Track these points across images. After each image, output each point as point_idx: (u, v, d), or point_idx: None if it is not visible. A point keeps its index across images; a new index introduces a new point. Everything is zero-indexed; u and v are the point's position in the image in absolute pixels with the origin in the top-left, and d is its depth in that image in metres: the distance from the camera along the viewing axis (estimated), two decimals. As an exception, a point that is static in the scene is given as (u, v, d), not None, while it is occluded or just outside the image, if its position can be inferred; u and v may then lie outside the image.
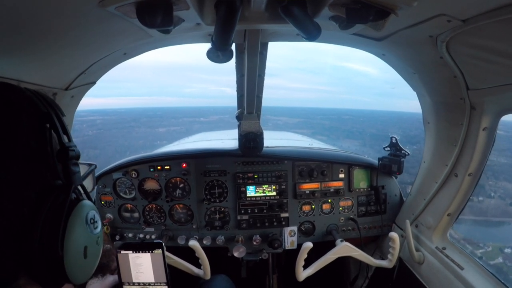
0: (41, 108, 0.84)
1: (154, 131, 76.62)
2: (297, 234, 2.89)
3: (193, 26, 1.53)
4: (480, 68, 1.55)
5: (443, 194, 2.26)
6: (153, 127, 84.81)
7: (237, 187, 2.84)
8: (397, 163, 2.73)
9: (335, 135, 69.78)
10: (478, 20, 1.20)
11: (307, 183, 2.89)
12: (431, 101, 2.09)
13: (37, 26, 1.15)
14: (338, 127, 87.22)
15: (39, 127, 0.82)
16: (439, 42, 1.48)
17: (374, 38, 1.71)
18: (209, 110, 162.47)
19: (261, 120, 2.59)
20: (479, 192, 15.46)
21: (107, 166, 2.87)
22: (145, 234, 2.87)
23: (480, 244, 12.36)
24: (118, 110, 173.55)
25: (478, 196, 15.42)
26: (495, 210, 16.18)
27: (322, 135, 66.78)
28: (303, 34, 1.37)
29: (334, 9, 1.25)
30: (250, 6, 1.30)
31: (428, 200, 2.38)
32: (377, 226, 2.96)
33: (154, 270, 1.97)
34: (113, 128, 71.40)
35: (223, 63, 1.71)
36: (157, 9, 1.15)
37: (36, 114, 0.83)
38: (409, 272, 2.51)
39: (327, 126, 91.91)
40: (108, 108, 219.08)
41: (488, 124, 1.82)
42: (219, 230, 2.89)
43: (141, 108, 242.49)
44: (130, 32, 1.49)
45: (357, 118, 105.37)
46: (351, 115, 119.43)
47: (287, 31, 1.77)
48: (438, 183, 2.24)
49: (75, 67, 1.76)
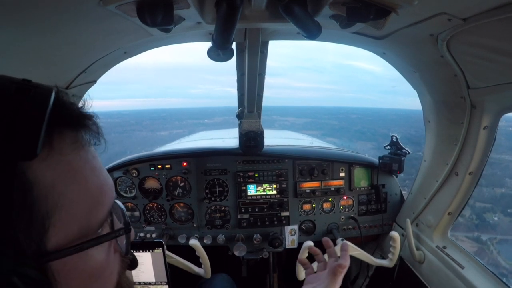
0: None
1: (155, 135, 75.43)
2: (298, 233, 2.89)
3: (194, 25, 1.53)
4: (480, 67, 1.55)
5: (443, 193, 2.26)
6: (155, 131, 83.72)
7: (237, 186, 2.84)
8: (397, 162, 2.73)
9: (347, 136, 68.39)
10: (478, 19, 1.20)
11: (308, 182, 2.89)
12: (432, 99, 2.09)
13: (37, 24, 1.15)
14: (347, 127, 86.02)
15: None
16: (439, 40, 1.47)
17: (374, 37, 1.71)
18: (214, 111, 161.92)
19: (268, 121, 2.59)
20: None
21: (107, 165, 2.88)
22: (146, 233, 2.87)
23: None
24: (122, 112, 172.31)
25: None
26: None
27: (333, 137, 65.20)
28: (304, 33, 1.37)
29: (334, 7, 1.25)
30: (250, 5, 1.30)
31: (429, 199, 2.37)
32: (377, 225, 2.96)
33: (155, 269, 1.97)
34: (112, 132, 70.69)
35: (224, 62, 1.72)
36: (158, 8, 1.15)
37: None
38: (410, 271, 2.51)
39: (336, 126, 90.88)
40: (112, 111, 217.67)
41: (488, 123, 1.81)
42: (220, 229, 2.90)
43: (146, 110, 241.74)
44: (131, 31, 1.49)
45: (365, 117, 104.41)
46: (358, 114, 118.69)
47: (287, 29, 1.77)
48: (439, 182, 2.24)
49: (75, 66, 1.76)
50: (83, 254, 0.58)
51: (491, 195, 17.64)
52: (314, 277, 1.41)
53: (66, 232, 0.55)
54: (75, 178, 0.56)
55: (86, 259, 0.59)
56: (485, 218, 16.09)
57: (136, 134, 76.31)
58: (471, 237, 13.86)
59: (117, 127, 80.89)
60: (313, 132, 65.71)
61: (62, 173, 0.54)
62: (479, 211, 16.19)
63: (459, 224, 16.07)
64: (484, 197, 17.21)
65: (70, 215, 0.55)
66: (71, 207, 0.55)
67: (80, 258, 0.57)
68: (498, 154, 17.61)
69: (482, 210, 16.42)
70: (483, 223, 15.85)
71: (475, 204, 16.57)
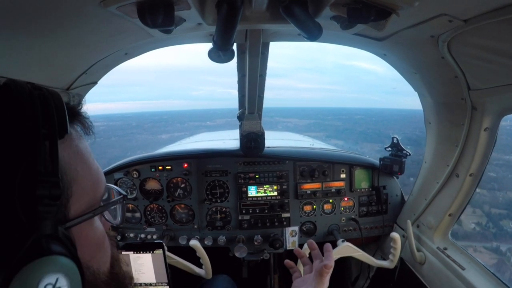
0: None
1: (156, 138, 74.67)
2: (299, 234, 2.89)
3: (194, 26, 1.53)
4: (481, 68, 1.55)
5: (444, 194, 2.25)
6: (156, 134, 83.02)
7: (238, 187, 2.84)
8: (398, 163, 2.73)
9: (352, 138, 67.38)
10: (479, 20, 1.20)
11: (309, 183, 2.89)
12: (433, 101, 2.09)
13: (38, 26, 1.15)
14: (352, 128, 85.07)
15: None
16: (440, 42, 1.47)
17: (375, 38, 1.71)
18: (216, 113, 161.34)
19: (270, 123, 2.59)
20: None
21: (108, 166, 2.88)
22: (147, 234, 2.87)
23: None
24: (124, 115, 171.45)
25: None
26: None
27: (337, 139, 64.23)
28: (304, 34, 1.37)
29: (335, 9, 1.25)
30: (251, 6, 1.30)
31: (430, 200, 2.37)
32: (378, 226, 2.95)
33: (155, 270, 1.97)
34: (113, 136, 69.94)
35: (225, 63, 1.72)
36: (158, 9, 1.15)
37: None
38: (411, 272, 2.51)
39: (340, 128, 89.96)
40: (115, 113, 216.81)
41: (489, 125, 1.81)
42: (221, 230, 2.89)
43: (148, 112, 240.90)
44: (131, 32, 1.49)
45: (369, 117, 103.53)
46: (362, 115, 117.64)
47: (288, 31, 1.77)
48: (439, 183, 2.24)
49: (76, 67, 1.76)
50: (92, 223, 0.74)
51: (506, 200, 17.34)
52: (301, 281, 1.43)
53: (80, 202, 0.70)
54: (82, 159, 0.72)
55: (93, 229, 0.75)
56: (502, 226, 15.67)
57: (137, 138, 75.66)
58: (489, 248, 13.28)
59: (118, 130, 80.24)
60: (317, 134, 64.77)
61: (73, 154, 0.69)
62: (495, 218, 15.77)
63: (476, 233, 15.47)
64: (498, 202, 16.91)
65: (82, 189, 0.70)
66: (82, 182, 0.70)
67: (90, 227, 0.74)
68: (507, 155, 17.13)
69: (498, 217, 16.05)
70: (501, 231, 15.39)
71: (490, 211, 16.24)
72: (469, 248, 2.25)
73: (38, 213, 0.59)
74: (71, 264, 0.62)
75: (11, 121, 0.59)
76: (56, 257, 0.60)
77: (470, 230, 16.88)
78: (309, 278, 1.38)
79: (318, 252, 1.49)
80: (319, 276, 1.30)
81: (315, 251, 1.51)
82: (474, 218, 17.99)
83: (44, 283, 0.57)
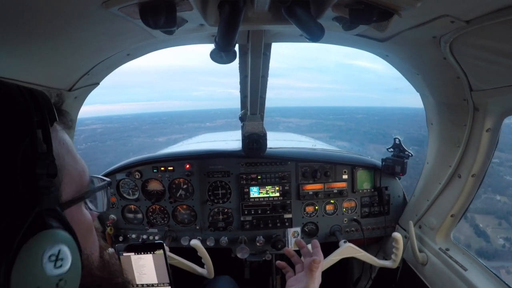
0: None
1: (153, 141, 73.92)
2: (301, 235, 2.89)
3: (197, 27, 1.53)
4: (483, 69, 1.54)
5: (446, 195, 2.25)
6: (153, 136, 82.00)
7: (240, 188, 2.84)
8: (400, 164, 2.72)
9: (357, 139, 65.84)
10: (481, 21, 1.19)
11: (311, 184, 2.89)
12: (435, 102, 2.08)
13: (40, 27, 1.16)
14: (356, 128, 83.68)
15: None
16: (442, 43, 1.47)
17: (377, 39, 1.71)
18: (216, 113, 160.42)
19: (271, 123, 2.59)
20: None
21: (111, 167, 2.88)
22: (149, 235, 2.87)
23: None
24: (123, 117, 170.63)
25: None
26: None
27: (342, 140, 62.55)
28: (307, 35, 1.37)
29: (337, 10, 1.25)
30: (253, 7, 1.30)
31: (432, 201, 2.37)
32: (380, 227, 2.95)
33: (157, 271, 1.97)
34: (108, 139, 68.98)
35: (227, 64, 1.72)
36: (161, 10, 1.15)
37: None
38: (413, 273, 2.50)
39: (343, 127, 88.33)
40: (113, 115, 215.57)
41: (491, 125, 1.81)
42: (223, 231, 2.89)
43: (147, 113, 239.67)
44: (133, 33, 1.50)
45: (371, 116, 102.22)
46: (364, 114, 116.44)
47: (290, 32, 1.77)
48: (442, 184, 2.23)
49: (78, 68, 1.77)
50: (81, 209, 0.81)
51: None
52: (294, 280, 1.47)
53: (69, 189, 0.75)
54: (68, 149, 0.77)
55: (82, 213, 0.81)
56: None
57: (134, 141, 74.46)
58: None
59: (116, 133, 79.31)
60: (320, 135, 63.42)
61: (60, 144, 0.75)
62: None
63: (506, 251, 14.94)
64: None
65: (70, 176, 0.76)
66: (70, 170, 0.76)
67: (80, 212, 0.80)
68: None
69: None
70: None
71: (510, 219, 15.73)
72: (502, 270, 2.11)
73: (38, 189, 0.64)
74: (71, 239, 0.68)
75: (8, 110, 0.64)
76: (57, 230, 0.65)
77: (500, 248, 16.41)
78: (301, 275, 1.43)
79: (307, 250, 1.56)
80: (309, 272, 1.36)
81: (304, 249, 1.58)
82: (502, 232, 17.57)
83: (48, 254, 0.62)
